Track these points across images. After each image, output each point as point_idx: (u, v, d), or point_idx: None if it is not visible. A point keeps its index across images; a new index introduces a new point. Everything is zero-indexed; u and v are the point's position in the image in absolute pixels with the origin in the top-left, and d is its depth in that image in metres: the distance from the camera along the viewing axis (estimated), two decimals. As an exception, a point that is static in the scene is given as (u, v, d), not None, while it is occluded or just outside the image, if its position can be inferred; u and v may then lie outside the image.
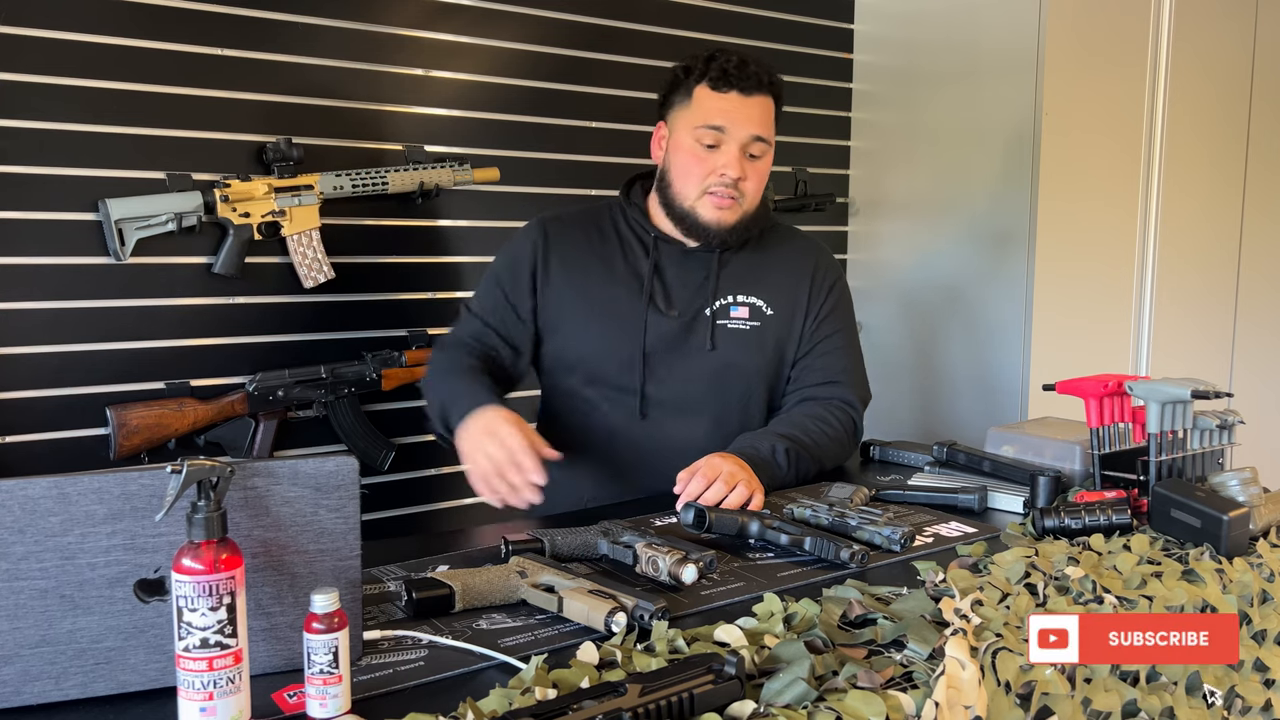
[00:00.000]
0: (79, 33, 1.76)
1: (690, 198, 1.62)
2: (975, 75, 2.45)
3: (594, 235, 1.71)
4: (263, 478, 0.89)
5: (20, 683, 0.85)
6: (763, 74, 1.61)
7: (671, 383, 1.66)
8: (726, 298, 1.69)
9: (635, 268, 1.69)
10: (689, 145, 1.61)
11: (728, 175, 1.59)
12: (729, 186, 1.60)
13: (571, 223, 1.73)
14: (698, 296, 1.68)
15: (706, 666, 0.85)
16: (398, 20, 2.06)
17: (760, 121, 1.61)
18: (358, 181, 1.98)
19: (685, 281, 1.68)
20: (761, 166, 1.64)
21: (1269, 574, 1.26)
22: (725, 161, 1.59)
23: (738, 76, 1.58)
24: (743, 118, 1.59)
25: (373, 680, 0.91)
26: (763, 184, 1.66)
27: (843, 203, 2.76)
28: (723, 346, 1.67)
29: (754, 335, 1.69)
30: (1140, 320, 2.61)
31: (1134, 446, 1.49)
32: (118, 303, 1.83)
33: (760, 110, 1.61)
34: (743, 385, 1.69)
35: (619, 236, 1.71)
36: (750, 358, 1.69)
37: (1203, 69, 2.64)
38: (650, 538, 1.21)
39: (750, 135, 1.60)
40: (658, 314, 1.66)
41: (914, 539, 1.32)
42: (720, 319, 1.68)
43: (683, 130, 1.63)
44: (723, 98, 1.59)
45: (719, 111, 1.59)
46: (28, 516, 0.83)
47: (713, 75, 1.59)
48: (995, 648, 0.96)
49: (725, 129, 1.59)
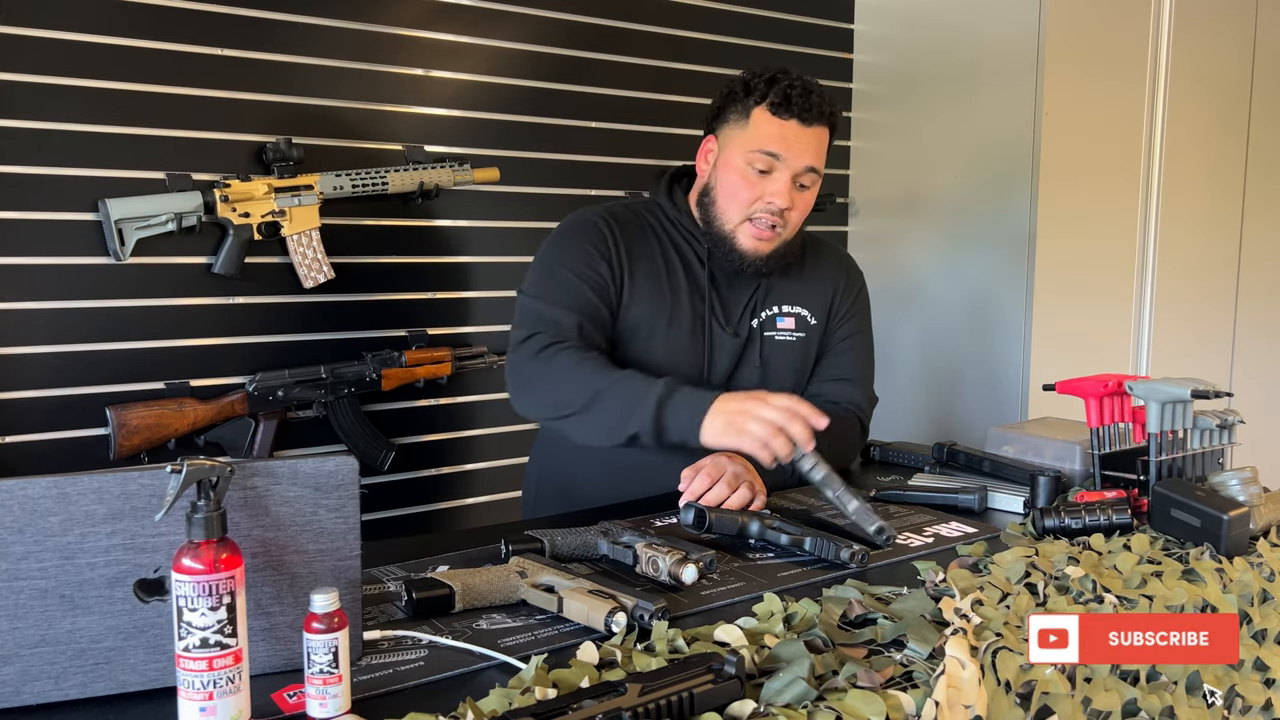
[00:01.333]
0: (79, 33, 1.76)
1: (733, 221, 1.57)
2: (975, 76, 2.45)
3: (651, 239, 1.64)
4: (262, 478, 0.89)
5: (20, 683, 0.85)
6: (824, 105, 1.56)
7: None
8: (772, 308, 1.66)
9: (694, 279, 1.62)
10: (740, 167, 1.55)
11: (775, 204, 1.54)
12: (774, 215, 1.55)
13: (625, 223, 1.64)
14: (746, 310, 1.65)
15: (706, 666, 0.85)
16: (398, 20, 2.06)
17: (816, 152, 1.56)
18: (358, 181, 1.98)
19: (738, 295, 1.64)
20: (809, 197, 1.59)
21: (1269, 573, 1.26)
22: (776, 190, 1.53)
23: (800, 105, 1.53)
24: (800, 147, 1.53)
25: (373, 680, 0.91)
26: (806, 214, 1.61)
27: (843, 203, 2.76)
28: (772, 360, 1.65)
29: (800, 346, 1.68)
30: (1140, 320, 2.61)
31: (1134, 446, 1.49)
32: (118, 303, 1.83)
33: (817, 141, 1.56)
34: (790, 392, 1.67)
35: (673, 244, 1.64)
36: (793, 370, 1.67)
37: (1202, 69, 2.64)
38: (650, 538, 1.21)
39: (805, 166, 1.55)
40: (720, 330, 1.62)
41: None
42: (768, 330, 1.65)
43: (735, 150, 1.57)
44: (782, 124, 1.53)
45: (777, 138, 1.53)
46: (28, 516, 0.83)
47: (774, 99, 1.53)
48: (995, 647, 0.96)
49: (781, 156, 1.53)
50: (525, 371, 1.53)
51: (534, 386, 1.53)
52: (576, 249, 1.59)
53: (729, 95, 1.59)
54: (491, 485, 2.27)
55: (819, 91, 1.56)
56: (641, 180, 2.37)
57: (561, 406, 1.49)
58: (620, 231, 1.61)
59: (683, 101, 2.43)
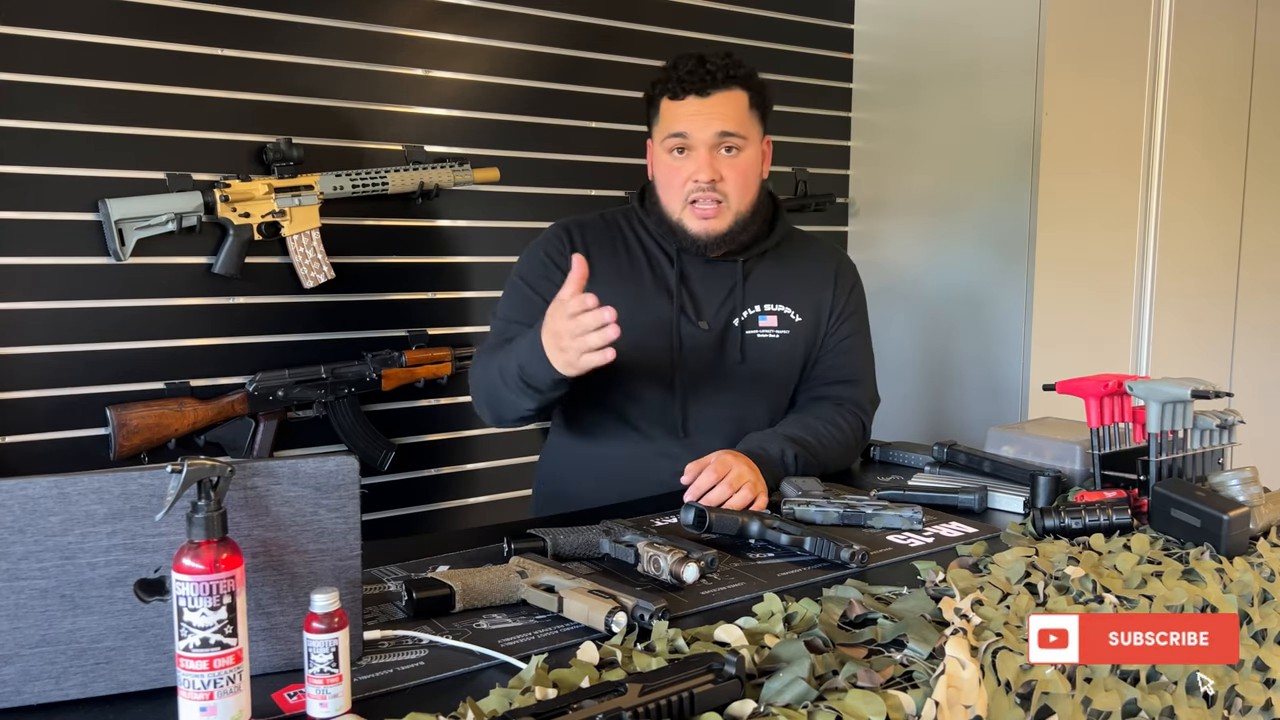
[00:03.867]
0: (79, 33, 1.76)
1: (676, 210, 1.61)
2: (975, 76, 2.45)
3: (619, 244, 1.68)
4: (263, 477, 0.89)
5: (20, 682, 0.85)
6: (718, 71, 1.56)
7: (706, 393, 1.64)
8: (754, 307, 1.67)
9: (662, 278, 1.66)
10: (663, 158, 1.61)
11: (700, 178, 1.57)
12: (707, 191, 1.57)
13: (595, 230, 1.69)
14: (724, 307, 1.66)
15: (706, 666, 0.85)
16: (398, 20, 2.06)
17: (725, 117, 1.57)
18: (358, 181, 1.98)
19: (712, 292, 1.66)
20: (742, 163, 1.59)
21: (1269, 573, 1.26)
22: (695, 166, 1.57)
23: (692, 79, 1.56)
24: (703, 119, 1.56)
25: (373, 680, 0.91)
26: (748, 180, 1.61)
27: (843, 203, 2.76)
28: (752, 358, 1.66)
29: (784, 344, 1.68)
30: (1140, 320, 2.61)
31: (1134, 446, 1.49)
32: (118, 303, 1.83)
33: (724, 106, 1.57)
34: (772, 397, 1.69)
35: (641, 246, 1.68)
36: (779, 368, 1.68)
37: (1202, 69, 2.64)
38: (652, 537, 1.21)
39: (714, 134, 1.56)
40: (690, 325, 1.64)
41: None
42: (749, 329, 1.66)
43: (657, 144, 1.63)
44: (681, 104, 1.58)
45: (679, 119, 1.58)
46: (28, 516, 0.83)
47: (670, 84, 1.59)
48: (995, 647, 0.96)
49: (687, 134, 1.57)
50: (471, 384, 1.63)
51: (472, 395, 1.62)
52: (537, 264, 1.66)
53: (647, 99, 1.66)
54: (491, 485, 2.27)
55: (715, 60, 1.58)
56: (641, 180, 2.36)
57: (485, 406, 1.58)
58: (582, 237, 1.66)
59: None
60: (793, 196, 2.61)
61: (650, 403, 1.64)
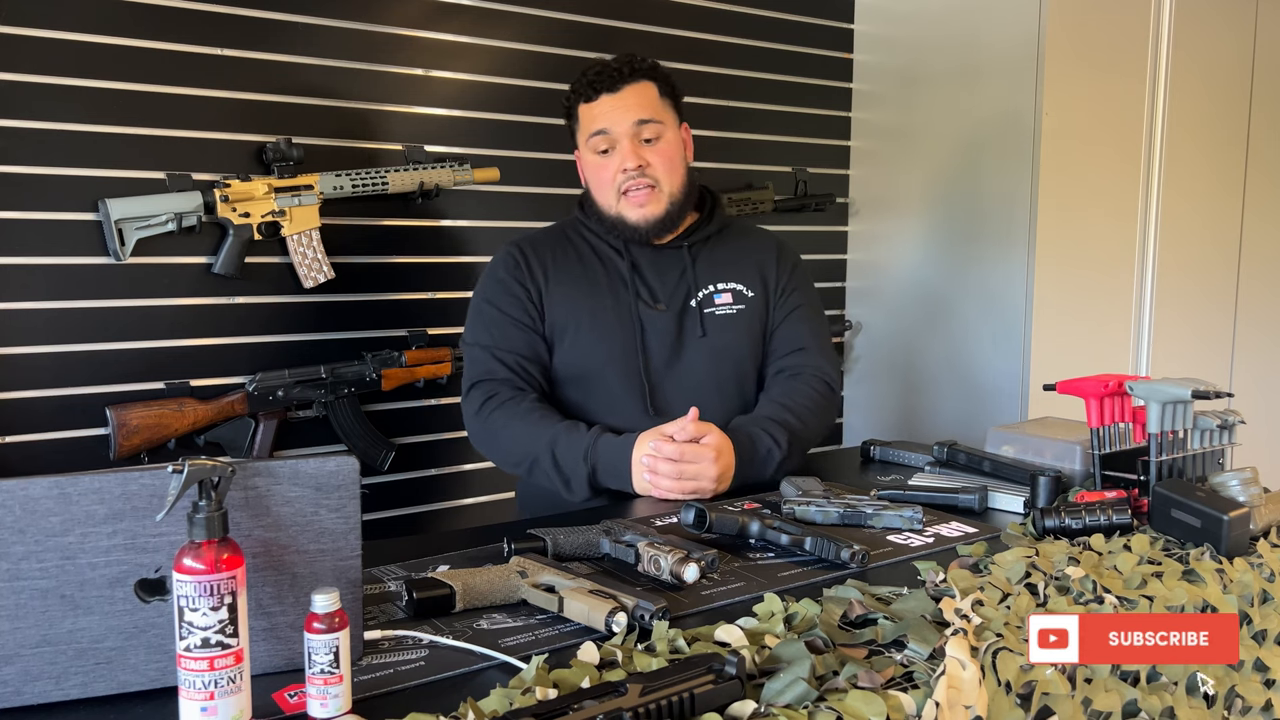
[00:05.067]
0: (79, 33, 1.76)
1: (611, 204, 1.69)
2: (975, 75, 2.45)
3: (569, 250, 1.75)
4: (263, 478, 0.89)
5: (21, 683, 0.85)
6: (624, 66, 1.66)
7: (672, 371, 1.70)
8: (708, 287, 1.74)
9: (615, 272, 1.73)
10: (590, 159, 1.70)
11: (627, 166, 1.65)
12: (637, 178, 1.65)
13: (543, 241, 1.77)
14: (679, 289, 1.73)
15: (707, 666, 0.85)
16: (398, 20, 2.06)
17: (638, 106, 1.66)
18: (358, 181, 1.98)
19: (664, 277, 1.73)
20: (664, 147, 1.68)
21: (1269, 574, 1.26)
22: (621, 157, 1.65)
23: (600, 79, 1.66)
24: (619, 112, 1.65)
25: (373, 680, 0.91)
26: (673, 163, 1.69)
27: (843, 203, 2.76)
28: (714, 332, 1.72)
29: (741, 319, 1.75)
30: (1140, 320, 2.61)
31: (1134, 446, 1.49)
32: (118, 303, 1.83)
33: (635, 97, 1.66)
34: (737, 368, 1.74)
35: (590, 247, 1.75)
36: (741, 340, 1.74)
37: (1203, 68, 2.64)
38: (652, 537, 1.21)
39: (632, 123, 1.65)
40: (648, 309, 1.70)
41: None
42: (707, 308, 1.73)
43: (582, 149, 1.72)
44: (596, 104, 1.67)
45: (597, 118, 1.66)
46: (28, 516, 0.83)
47: (582, 90, 1.68)
48: (996, 648, 0.96)
49: (607, 129, 1.66)
50: (475, 433, 1.69)
51: (487, 449, 1.70)
52: (496, 283, 1.73)
53: (566, 112, 1.74)
54: (491, 485, 2.27)
55: (619, 58, 1.68)
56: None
57: (514, 468, 1.66)
58: (532, 252, 1.73)
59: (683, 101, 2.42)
60: (793, 196, 2.62)
61: (620, 385, 1.69)
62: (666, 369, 1.70)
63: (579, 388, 1.71)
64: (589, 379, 1.70)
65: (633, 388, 1.69)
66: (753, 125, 2.56)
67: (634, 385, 1.69)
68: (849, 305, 2.80)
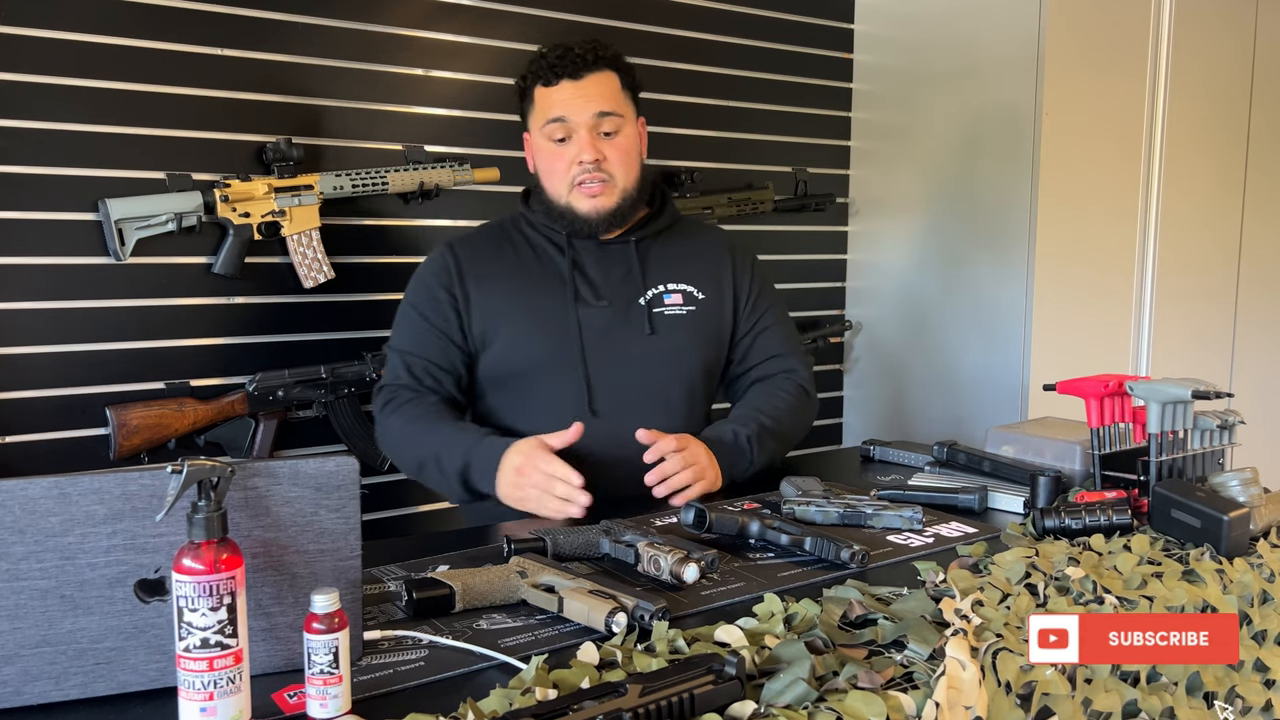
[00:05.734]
0: (79, 33, 1.76)
1: (563, 194, 1.63)
2: (975, 75, 2.45)
3: (505, 247, 1.70)
4: (263, 478, 0.89)
5: (21, 683, 0.85)
6: (588, 53, 1.60)
7: (615, 370, 1.63)
8: (658, 287, 1.69)
9: (554, 268, 1.67)
10: (544, 145, 1.64)
11: (585, 158, 1.60)
12: (592, 171, 1.60)
13: (479, 240, 1.72)
14: (625, 287, 1.67)
15: (707, 667, 0.85)
16: (398, 20, 2.06)
17: (601, 97, 1.60)
18: (358, 181, 1.98)
19: (608, 273, 1.68)
20: (622, 141, 1.63)
21: (1269, 574, 1.26)
22: (578, 148, 1.60)
23: (563, 64, 1.60)
24: (581, 101, 1.59)
25: (373, 680, 0.91)
26: (630, 158, 1.64)
27: (843, 203, 2.76)
28: (663, 332, 1.66)
29: (691, 321, 1.69)
30: (1140, 320, 2.61)
31: (1134, 446, 1.49)
32: (118, 303, 1.83)
33: (598, 87, 1.61)
34: (686, 370, 1.68)
35: (530, 244, 1.70)
36: (690, 342, 1.68)
37: (1203, 68, 2.64)
38: (652, 537, 1.21)
39: (593, 114, 1.60)
40: (586, 307, 1.65)
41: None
42: (656, 307, 1.67)
43: (536, 134, 1.66)
44: (556, 90, 1.61)
45: (556, 104, 1.60)
46: (28, 516, 0.83)
47: (541, 72, 1.61)
48: (996, 648, 0.96)
49: (566, 118, 1.60)
50: (378, 437, 1.69)
51: (388, 452, 1.70)
52: (422, 288, 1.68)
53: (519, 92, 1.68)
54: (491, 485, 2.26)
55: (582, 45, 1.62)
56: (641, 180, 2.37)
57: (408, 468, 1.65)
58: (464, 254, 1.68)
59: (683, 102, 2.43)
60: (793, 196, 2.61)
61: (557, 386, 1.63)
62: (608, 368, 1.63)
63: (514, 390, 1.66)
64: (525, 380, 1.65)
65: (572, 388, 1.62)
66: (753, 125, 2.56)
67: (573, 386, 1.62)
68: (849, 305, 2.80)
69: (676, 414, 1.66)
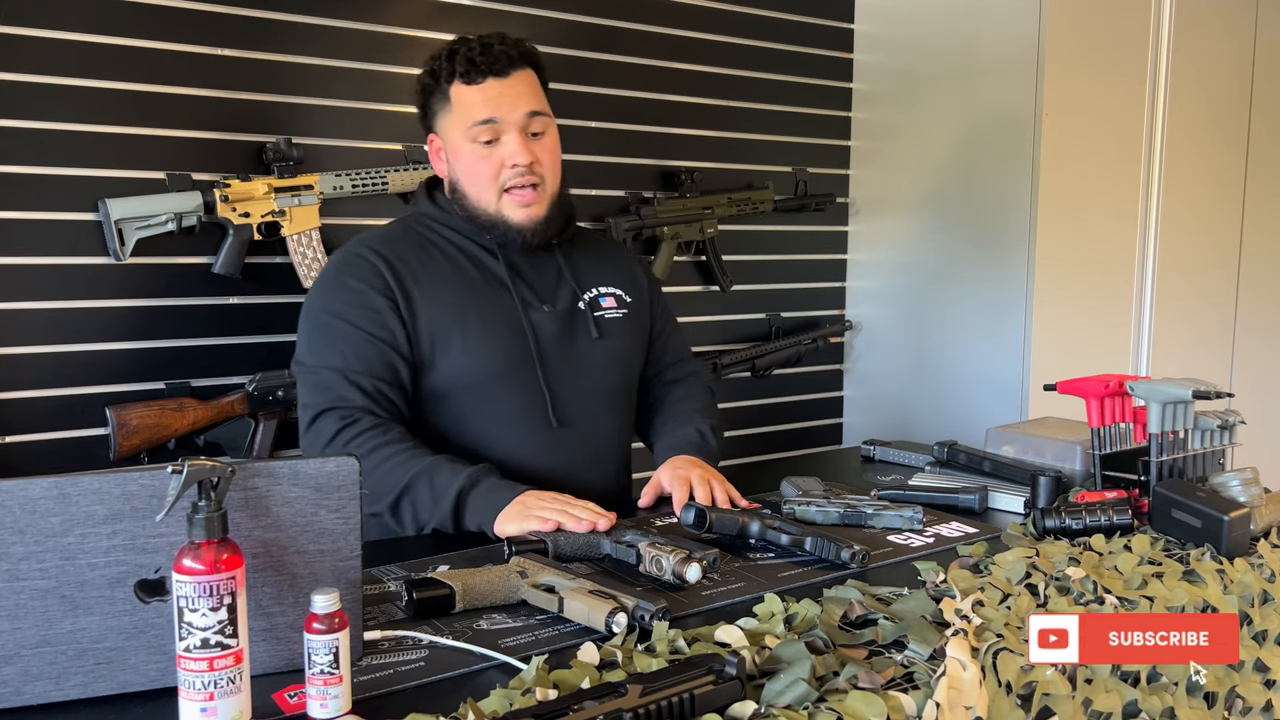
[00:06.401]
0: (79, 33, 1.76)
1: (491, 201, 1.51)
2: (975, 75, 2.45)
3: (432, 252, 1.55)
4: (263, 478, 0.89)
5: (21, 683, 0.85)
6: (510, 50, 1.50)
7: (570, 376, 1.56)
8: (592, 290, 1.62)
9: (491, 273, 1.55)
10: (468, 149, 1.50)
11: (519, 163, 1.48)
12: (525, 175, 1.49)
13: (401, 242, 1.56)
14: (561, 290, 1.59)
15: (707, 667, 0.85)
16: (398, 20, 2.06)
17: (529, 96, 1.50)
18: (358, 181, 1.98)
19: (542, 276, 1.59)
20: (549, 142, 1.54)
21: (1270, 574, 1.26)
22: (511, 151, 1.48)
23: (487, 61, 1.47)
24: (510, 100, 1.48)
25: (373, 680, 0.91)
26: (557, 161, 1.56)
27: (843, 203, 2.76)
28: (608, 334, 1.61)
29: (627, 322, 1.64)
30: (1140, 320, 2.61)
31: (1135, 447, 1.49)
32: (118, 303, 1.83)
33: (524, 85, 1.50)
34: (630, 372, 1.66)
35: (456, 246, 1.56)
36: (629, 343, 1.65)
37: (1203, 69, 2.64)
38: (653, 537, 1.21)
39: (524, 114, 1.49)
40: (537, 311, 1.55)
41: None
42: (596, 310, 1.61)
43: (455, 135, 1.51)
44: (481, 88, 1.48)
45: (484, 104, 1.48)
46: (28, 517, 0.83)
47: (462, 70, 1.48)
48: (996, 648, 0.96)
49: (497, 118, 1.48)
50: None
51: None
52: (347, 293, 1.49)
53: (425, 89, 1.55)
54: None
55: (501, 40, 1.51)
56: (641, 180, 2.37)
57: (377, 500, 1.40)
58: (392, 256, 1.52)
59: (683, 101, 2.43)
60: (793, 196, 2.61)
61: (517, 396, 1.52)
62: (564, 375, 1.55)
63: (468, 404, 1.51)
64: (479, 393, 1.51)
65: (532, 398, 1.52)
66: (753, 125, 2.56)
67: (533, 395, 1.52)
68: (849, 305, 2.80)
69: (625, 416, 1.65)
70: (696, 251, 2.45)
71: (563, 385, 1.55)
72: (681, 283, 2.46)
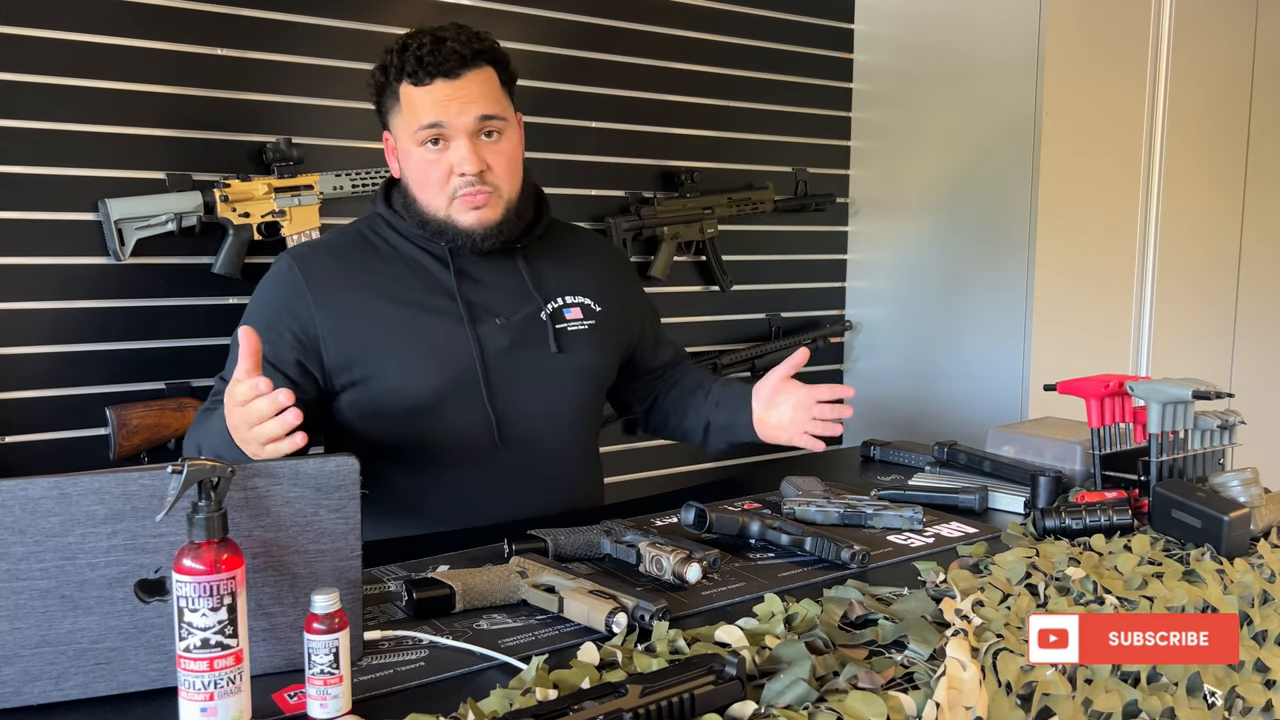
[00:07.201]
0: (79, 33, 1.76)
1: (441, 206, 1.44)
2: (975, 75, 2.45)
3: (371, 258, 1.48)
4: (263, 478, 0.89)
5: (21, 683, 0.85)
6: (464, 48, 1.39)
7: (522, 394, 1.48)
8: (556, 300, 1.53)
9: (438, 282, 1.47)
10: (416, 152, 1.42)
11: (466, 170, 1.40)
12: (475, 184, 1.41)
13: (333, 251, 1.50)
14: (519, 300, 1.50)
15: (707, 667, 0.85)
16: (398, 20, 2.06)
17: (482, 99, 1.40)
18: (358, 181, 1.98)
19: (499, 285, 1.50)
20: (505, 147, 1.44)
21: (1269, 574, 1.26)
22: (459, 158, 1.40)
23: (435, 61, 1.37)
24: (459, 104, 1.39)
25: (373, 680, 0.91)
26: (515, 165, 1.47)
27: (843, 203, 2.76)
28: (571, 349, 1.52)
29: (592, 334, 1.55)
30: (1140, 320, 2.61)
31: (1135, 447, 1.49)
32: (118, 303, 1.83)
33: (478, 87, 1.41)
34: (592, 388, 1.58)
35: (399, 253, 1.49)
36: (596, 358, 1.56)
37: (1203, 69, 2.64)
38: (653, 537, 1.21)
39: (474, 119, 1.40)
40: (486, 324, 1.47)
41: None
42: (559, 322, 1.52)
43: (404, 137, 1.44)
44: (428, 90, 1.39)
45: (430, 107, 1.39)
46: (28, 516, 0.83)
47: (410, 69, 1.39)
48: (996, 648, 0.96)
49: (443, 123, 1.39)
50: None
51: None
52: (262, 304, 1.46)
53: (377, 85, 1.46)
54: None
55: (456, 36, 1.40)
56: (641, 180, 2.37)
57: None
58: (320, 268, 1.45)
59: (683, 101, 2.43)
60: (793, 196, 2.61)
61: (458, 420, 1.45)
62: (513, 393, 1.47)
63: (409, 423, 1.45)
64: (418, 415, 1.44)
65: (475, 419, 1.45)
66: (753, 125, 2.56)
67: (478, 415, 1.45)
68: (849, 305, 2.80)
69: (583, 434, 1.58)
70: (696, 252, 2.45)
71: (512, 405, 1.47)
72: (681, 283, 2.46)
